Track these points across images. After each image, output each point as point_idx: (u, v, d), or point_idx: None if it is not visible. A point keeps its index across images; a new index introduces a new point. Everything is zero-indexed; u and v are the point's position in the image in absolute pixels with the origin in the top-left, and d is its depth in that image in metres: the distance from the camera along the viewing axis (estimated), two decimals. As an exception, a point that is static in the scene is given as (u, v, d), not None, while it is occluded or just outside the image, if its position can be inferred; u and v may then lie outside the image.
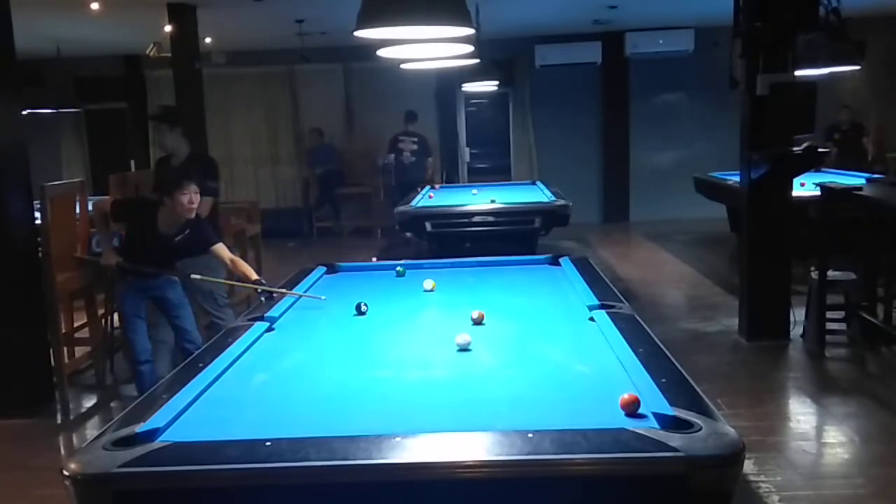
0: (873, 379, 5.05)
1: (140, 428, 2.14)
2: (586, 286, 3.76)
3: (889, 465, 3.83)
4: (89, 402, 5.35)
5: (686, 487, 1.84)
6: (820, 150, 5.75)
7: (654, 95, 11.97)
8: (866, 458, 3.94)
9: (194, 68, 8.44)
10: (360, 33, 2.85)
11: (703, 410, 2.11)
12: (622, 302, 3.45)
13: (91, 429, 4.78)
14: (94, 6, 7.25)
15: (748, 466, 3.69)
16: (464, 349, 2.91)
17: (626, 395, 2.18)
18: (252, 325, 3.30)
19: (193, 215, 4.36)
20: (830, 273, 5.44)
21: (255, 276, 4.30)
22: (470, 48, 4.14)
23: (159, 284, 4.57)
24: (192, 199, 4.27)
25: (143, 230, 4.42)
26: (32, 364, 5.02)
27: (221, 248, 4.49)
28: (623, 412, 2.17)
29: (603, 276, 4.08)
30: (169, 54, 8.51)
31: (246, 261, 7.52)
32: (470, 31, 2.94)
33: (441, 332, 3.28)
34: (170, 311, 4.65)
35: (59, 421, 4.96)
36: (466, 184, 11.13)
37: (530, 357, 2.86)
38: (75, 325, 5.82)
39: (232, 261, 4.45)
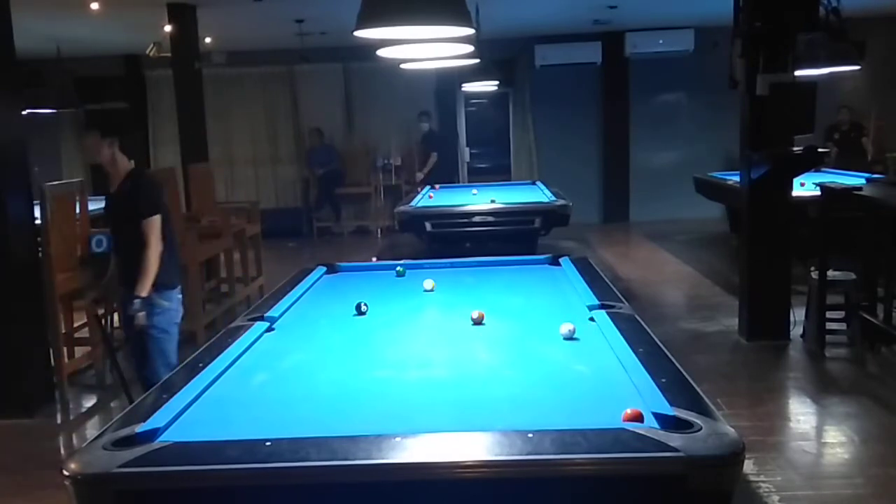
0: (873, 379, 5.04)
1: (140, 428, 2.14)
2: (586, 286, 3.75)
3: (889, 465, 3.83)
4: (89, 402, 5.34)
5: (686, 487, 1.84)
6: (820, 150, 5.76)
7: (654, 95, 11.97)
8: (866, 458, 3.94)
9: (194, 68, 8.45)
10: (360, 33, 2.85)
11: (703, 410, 2.11)
12: (622, 302, 3.45)
13: (91, 429, 4.78)
14: (94, 6, 7.26)
15: (748, 466, 3.69)
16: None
17: (629, 411, 2.11)
18: (252, 325, 3.29)
19: (100, 159, 4.03)
20: (830, 273, 5.44)
21: (145, 291, 3.86)
22: (470, 48, 4.14)
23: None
24: (91, 143, 4.01)
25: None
26: (32, 364, 5.02)
27: (151, 225, 3.91)
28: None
29: (603, 276, 4.07)
30: (169, 54, 8.52)
31: (245, 261, 7.57)
32: (470, 31, 2.94)
33: (441, 332, 3.29)
34: None
35: (59, 421, 4.96)
36: (466, 184, 11.13)
37: (530, 357, 2.86)
38: (75, 325, 5.82)
39: (149, 247, 3.89)
